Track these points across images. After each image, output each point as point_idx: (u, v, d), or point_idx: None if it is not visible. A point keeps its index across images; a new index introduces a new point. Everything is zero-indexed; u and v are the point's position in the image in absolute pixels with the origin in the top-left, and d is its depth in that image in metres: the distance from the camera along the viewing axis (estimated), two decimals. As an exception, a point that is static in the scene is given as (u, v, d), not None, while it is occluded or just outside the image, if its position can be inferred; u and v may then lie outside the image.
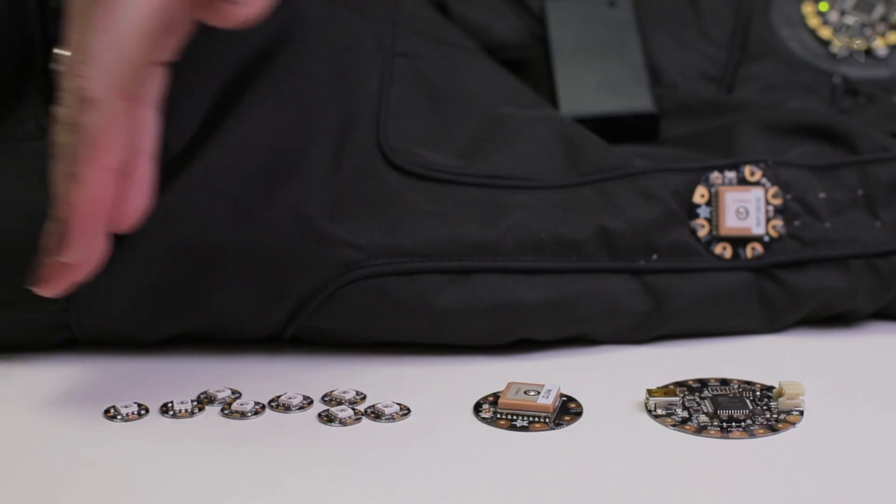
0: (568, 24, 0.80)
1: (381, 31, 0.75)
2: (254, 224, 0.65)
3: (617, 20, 0.80)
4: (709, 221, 0.69)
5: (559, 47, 0.79)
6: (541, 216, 0.68)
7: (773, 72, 0.80)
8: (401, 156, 0.69)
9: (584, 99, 0.77)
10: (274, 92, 0.68)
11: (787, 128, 0.73)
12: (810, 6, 0.82)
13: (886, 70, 0.80)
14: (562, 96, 0.77)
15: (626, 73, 0.77)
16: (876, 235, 0.69)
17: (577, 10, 0.81)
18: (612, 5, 0.80)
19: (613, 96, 0.77)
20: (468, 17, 0.83)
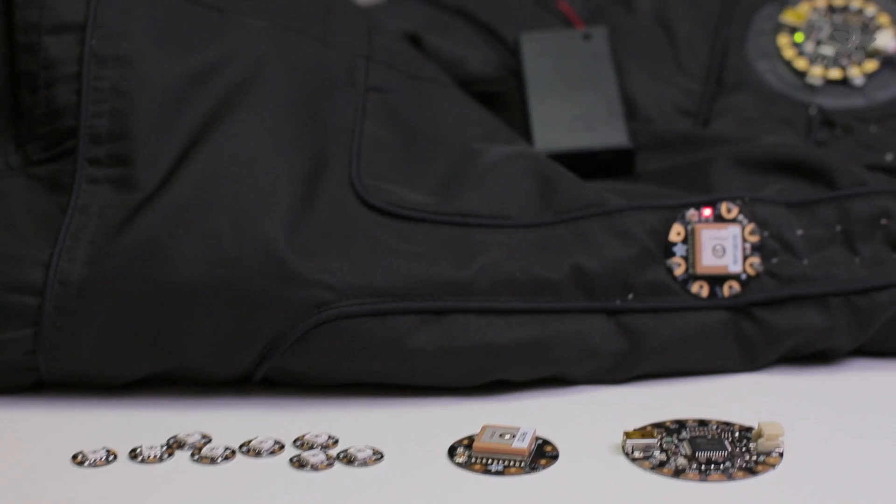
0: (542, 58, 0.79)
1: (354, 65, 0.74)
2: (224, 263, 0.64)
3: (592, 53, 0.79)
4: (685, 260, 0.68)
5: (533, 81, 0.78)
6: (515, 255, 0.67)
7: (748, 104, 0.79)
8: (374, 193, 0.68)
9: (559, 134, 0.76)
10: (245, 128, 0.67)
11: (763, 163, 0.72)
12: (786, 38, 0.81)
13: (863, 99, 0.79)
14: (536, 131, 0.76)
15: (601, 108, 0.77)
16: (855, 272, 0.68)
17: (551, 43, 0.80)
18: (587, 38, 0.80)
19: (588, 131, 0.76)
20: (442, 50, 0.82)
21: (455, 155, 0.72)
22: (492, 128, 0.75)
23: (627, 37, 0.82)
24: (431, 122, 0.74)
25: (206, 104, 0.67)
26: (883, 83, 0.79)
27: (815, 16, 0.82)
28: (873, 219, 0.69)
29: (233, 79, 0.68)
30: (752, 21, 0.83)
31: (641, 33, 0.83)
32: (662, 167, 0.75)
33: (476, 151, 0.72)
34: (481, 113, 0.76)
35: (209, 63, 0.68)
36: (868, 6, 0.82)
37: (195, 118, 0.67)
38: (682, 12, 0.83)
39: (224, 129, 0.67)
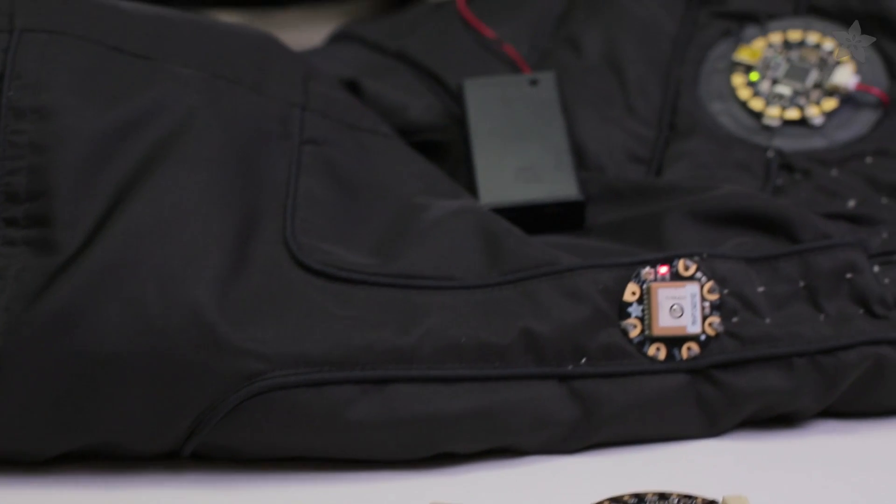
0: (487, 105, 0.75)
1: (289, 115, 0.70)
2: (149, 330, 0.61)
3: (539, 99, 0.75)
4: (641, 321, 0.64)
5: (477, 130, 0.74)
6: (460, 319, 0.63)
7: (703, 149, 0.75)
8: (310, 254, 0.64)
9: (505, 186, 0.72)
10: (173, 185, 0.63)
11: (720, 216, 0.68)
12: (740, 77, 0.78)
13: (822, 140, 0.75)
14: (480, 184, 0.72)
15: (549, 157, 0.73)
16: (820, 330, 0.65)
17: (496, 90, 0.76)
18: (534, 83, 0.76)
19: (536, 183, 0.72)
20: (382, 97, 0.78)
21: (396, 211, 0.68)
22: (435, 180, 0.71)
23: (576, 80, 0.78)
24: (371, 175, 0.70)
25: (131, 160, 0.63)
26: (843, 122, 0.76)
27: (771, 53, 0.78)
28: (838, 273, 0.66)
29: (160, 132, 0.64)
30: (705, 60, 0.79)
31: (590, 76, 0.79)
32: (614, 219, 0.71)
33: (418, 207, 0.68)
34: (423, 165, 0.73)
35: (135, 115, 0.65)
36: (825, 41, 0.78)
37: (120, 175, 0.63)
38: (632, 53, 0.79)
39: (150, 186, 0.63)
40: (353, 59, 0.82)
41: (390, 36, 0.84)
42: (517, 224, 0.69)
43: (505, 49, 0.81)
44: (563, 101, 0.76)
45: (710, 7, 0.82)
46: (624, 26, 0.81)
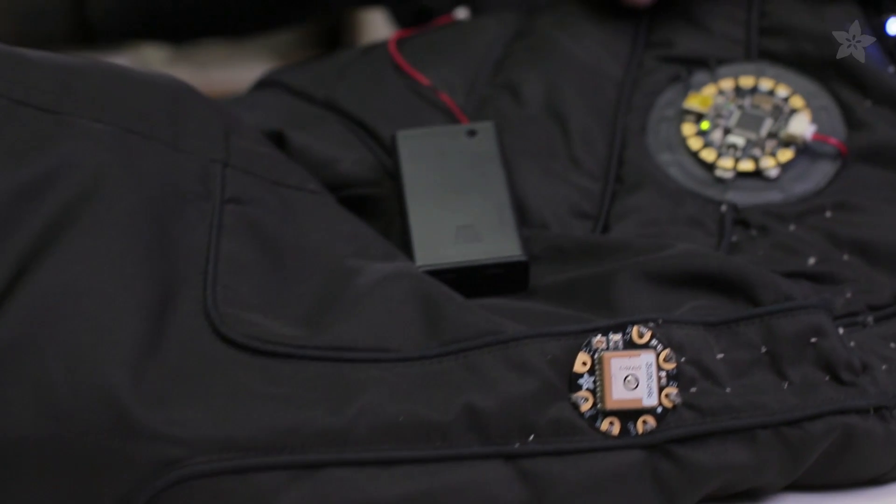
0: (422, 158, 0.70)
1: (209, 172, 0.65)
2: (57, 415, 0.55)
3: (478, 152, 0.71)
4: (593, 393, 0.59)
5: (412, 185, 0.69)
6: (398, 395, 0.58)
7: (653, 204, 0.71)
8: (233, 325, 0.59)
9: (442, 247, 0.67)
10: (82, 253, 0.58)
11: (675, 277, 0.64)
12: (691, 126, 0.73)
13: (779, 193, 0.71)
14: (416, 244, 0.67)
15: (489, 215, 0.68)
16: (784, 400, 0.60)
17: (431, 141, 0.71)
18: (471, 135, 0.71)
19: (476, 242, 0.67)
20: (310, 149, 0.73)
21: (326, 275, 0.63)
22: (367, 241, 0.66)
23: (516, 130, 0.74)
24: (299, 236, 0.65)
25: (35, 225, 0.58)
26: (799, 174, 0.71)
27: (722, 100, 0.74)
28: (802, 338, 0.61)
29: (67, 194, 0.59)
30: (653, 108, 0.75)
31: (531, 126, 0.74)
32: (560, 280, 0.66)
33: (350, 271, 0.63)
34: (355, 224, 0.67)
35: (40, 176, 0.59)
36: (780, 87, 0.74)
37: (23, 243, 0.58)
38: (575, 100, 0.75)
39: (57, 255, 0.58)
40: (279, 108, 0.77)
41: (318, 83, 0.79)
42: (456, 287, 0.64)
43: (440, 97, 0.76)
44: (503, 152, 0.71)
45: (656, 51, 0.77)
46: (566, 72, 0.76)
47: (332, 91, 0.78)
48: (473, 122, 0.73)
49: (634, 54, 0.78)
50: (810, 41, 0.75)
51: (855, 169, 0.71)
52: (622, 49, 0.78)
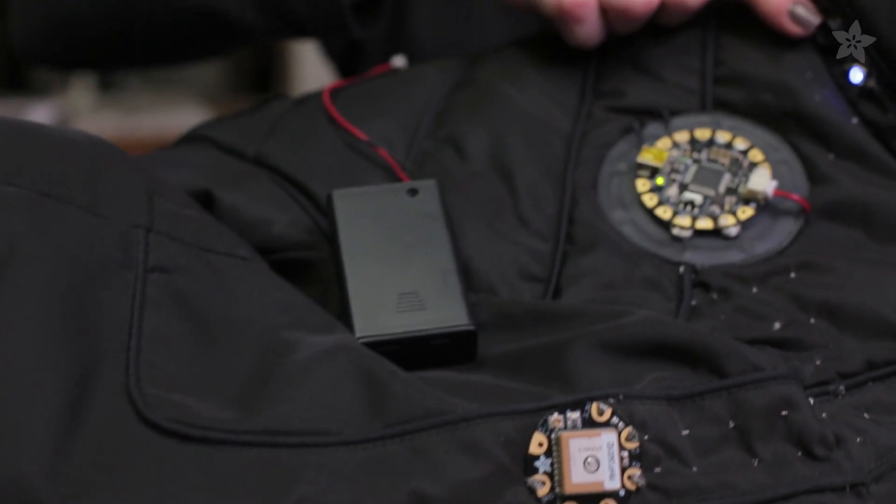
0: (359, 219, 0.66)
1: (131, 238, 0.60)
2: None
3: (420, 212, 0.66)
4: (550, 477, 0.55)
5: (349, 249, 0.65)
6: (339, 483, 0.53)
7: (606, 266, 0.66)
8: (157, 408, 0.54)
9: (384, 316, 0.62)
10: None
11: (634, 347, 0.59)
12: (645, 182, 0.69)
13: (739, 252, 0.67)
14: (355, 314, 0.62)
15: (434, 280, 0.63)
16: (754, 479, 0.56)
17: (370, 201, 0.66)
18: (413, 193, 0.67)
19: (420, 311, 0.62)
20: (240, 210, 0.68)
21: (260, 350, 0.58)
22: (303, 311, 0.62)
23: (460, 188, 0.69)
24: (229, 307, 0.60)
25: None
26: (761, 233, 0.67)
27: (677, 153, 0.70)
28: (772, 411, 0.57)
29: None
30: (604, 162, 0.71)
31: (476, 182, 0.70)
32: (511, 350, 0.62)
33: (286, 345, 0.58)
34: (290, 293, 0.63)
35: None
36: (738, 140, 0.70)
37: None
38: (521, 154, 0.71)
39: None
40: (206, 165, 0.72)
41: (247, 138, 0.75)
42: (399, 359, 0.60)
43: (379, 153, 0.71)
44: (446, 212, 0.66)
45: (606, 101, 0.73)
46: (511, 124, 0.72)
47: (262, 146, 0.73)
48: (415, 180, 0.69)
49: (583, 105, 0.74)
50: (769, 91, 0.71)
51: (819, 226, 0.68)
52: (570, 99, 0.74)
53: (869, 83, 0.70)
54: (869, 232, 0.67)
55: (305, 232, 0.68)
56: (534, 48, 0.77)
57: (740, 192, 0.68)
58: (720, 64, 0.73)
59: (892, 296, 0.65)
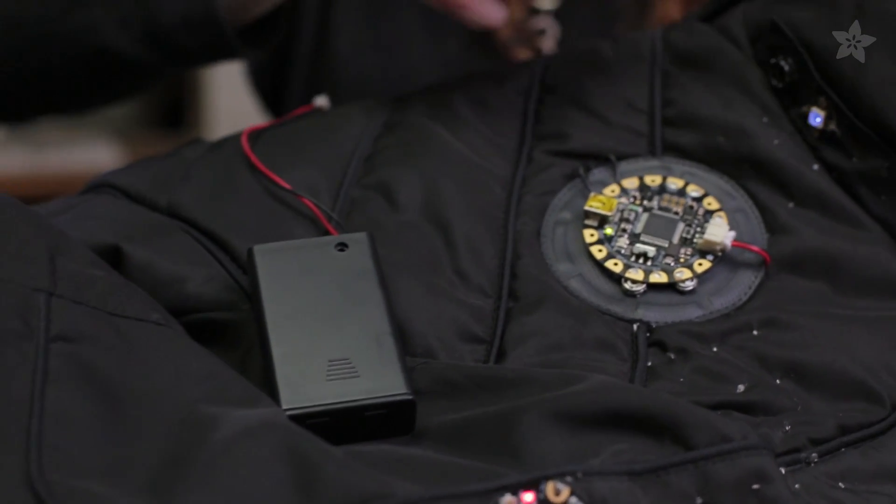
0: (284, 276, 0.60)
1: (30, 304, 0.54)
2: None
3: (350, 268, 0.61)
4: (504, 566, 0.49)
5: (273, 310, 0.59)
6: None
7: (555, 324, 0.61)
8: (63, 498, 0.49)
9: (312, 385, 0.56)
10: None
11: (590, 416, 0.54)
12: (593, 232, 0.64)
13: (696, 308, 0.62)
14: (281, 383, 0.56)
15: (367, 344, 0.58)
16: (726, 562, 0.51)
17: (295, 257, 0.61)
18: (342, 248, 0.61)
19: (352, 379, 0.57)
20: (153, 267, 0.62)
21: (176, 428, 0.52)
22: (223, 382, 0.56)
23: (392, 240, 0.64)
24: (142, 379, 0.54)
25: None
26: (719, 287, 0.63)
27: (627, 201, 0.65)
28: (742, 485, 0.52)
29: None
30: (548, 211, 0.66)
31: (410, 234, 0.64)
32: (453, 421, 0.56)
33: (205, 421, 0.52)
34: (208, 360, 0.57)
35: None
36: (691, 187, 0.65)
37: None
38: (458, 203, 0.65)
39: None
40: (114, 217, 0.66)
41: (159, 186, 0.68)
42: (330, 432, 0.54)
43: (303, 202, 0.66)
44: (379, 268, 0.61)
45: (548, 144, 0.68)
46: (446, 169, 0.67)
47: (176, 196, 0.67)
48: (343, 233, 0.63)
49: (523, 148, 0.68)
50: (722, 133, 0.67)
51: (780, 280, 0.63)
52: (509, 142, 0.69)
53: (829, 126, 0.65)
54: (833, 285, 0.63)
55: (224, 290, 0.63)
56: (467, 86, 0.72)
57: (696, 243, 0.63)
58: (669, 104, 0.69)
59: (861, 354, 0.60)
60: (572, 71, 0.72)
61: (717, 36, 0.71)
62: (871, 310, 0.62)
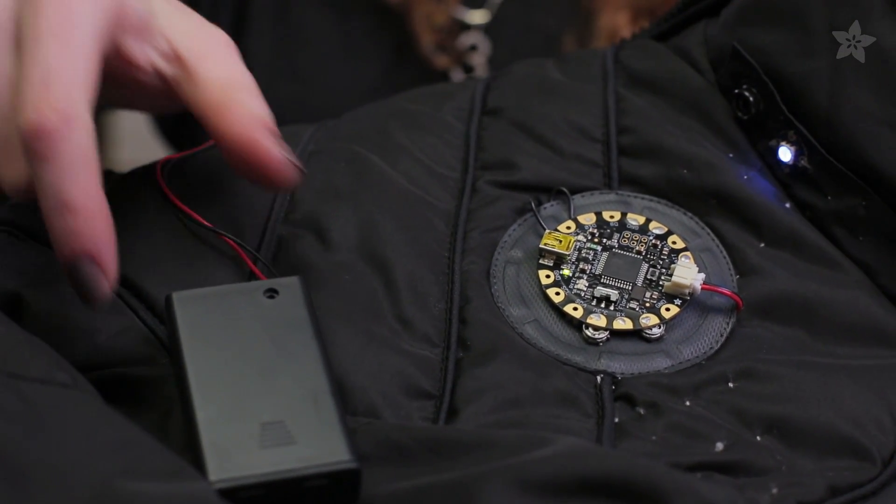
0: (206, 327, 0.53)
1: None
2: None
3: (281, 318, 0.54)
4: None
5: (196, 367, 0.52)
6: None
7: (511, 377, 0.55)
8: None
9: (242, 453, 0.50)
10: None
11: (561, 485, 0.48)
12: (548, 273, 0.58)
13: (665, 358, 0.56)
14: (207, 451, 0.50)
15: (303, 404, 0.51)
16: None
17: (219, 305, 0.54)
18: (271, 294, 0.55)
19: (288, 446, 0.50)
20: (57, 317, 0.55)
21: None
22: (141, 451, 0.48)
23: (326, 284, 0.57)
24: (47, 451, 0.47)
25: None
26: (688, 334, 0.57)
27: (584, 238, 0.59)
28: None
29: None
30: (498, 248, 0.60)
31: (345, 276, 0.58)
32: (403, 491, 0.50)
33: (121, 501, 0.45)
34: (123, 426, 0.49)
35: None
36: (654, 224, 0.60)
37: None
38: (398, 240, 0.59)
39: None
40: (13, 261, 0.59)
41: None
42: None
43: (226, 242, 0.59)
44: (313, 316, 0.54)
45: (493, 174, 0.62)
46: (382, 202, 0.60)
47: (82, 236, 0.60)
48: (272, 278, 0.56)
49: (466, 178, 0.62)
50: (685, 166, 0.61)
51: (753, 326, 0.57)
52: (450, 172, 0.63)
53: (801, 162, 0.60)
54: (811, 331, 0.57)
55: (138, 342, 0.56)
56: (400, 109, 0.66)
57: (662, 285, 0.57)
58: (625, 132, 0.63)
59: (846, 406, 0.55)
60: (516, 92, 0.66)
61: (675, 58, 0.65)
62: (854, 357, 0.57)
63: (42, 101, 0.51)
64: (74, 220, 0.52)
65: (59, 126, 0.51)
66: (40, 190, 0.52)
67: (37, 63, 0.52)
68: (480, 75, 0.90)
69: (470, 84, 0.68)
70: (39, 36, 0.52)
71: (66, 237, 0.52)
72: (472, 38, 0.85)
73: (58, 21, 0.52)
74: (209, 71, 0.57)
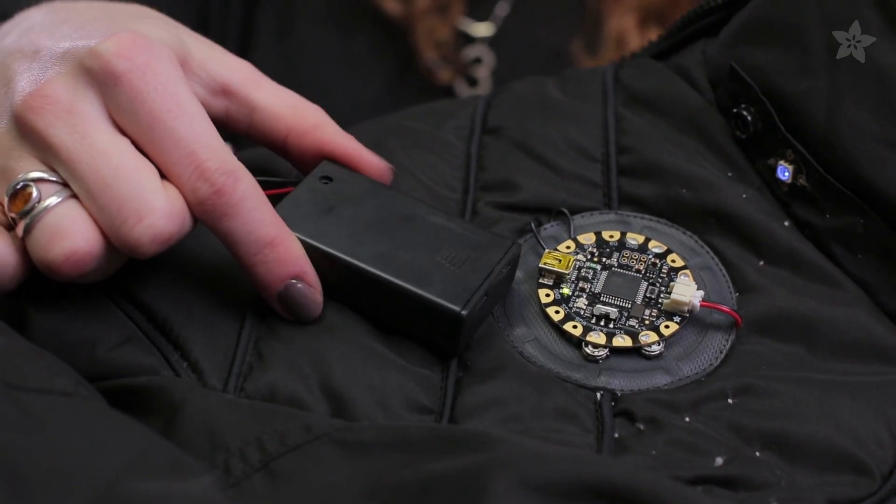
0: (324, 227, 0.57)
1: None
2: None
3: (356, 189, 0.59)
4: None
5: (360, 258, 0.56)
6: None
7: (511, 394, 0.55)
8: None
9: (456, 283, 0.55)
10: None
11: (566, 489, 0.48)
12: (548, 292, 0.59)
13: (664, 374, 0.57)
14: (439, 299, 0.55)
15: (441, 232, 0.57)
16: None
17: (311, 200, 0.58)
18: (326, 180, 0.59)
19: (469, 262, 0.56)
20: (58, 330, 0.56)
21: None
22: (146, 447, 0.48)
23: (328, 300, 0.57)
24: (51, 458, 0.47)
25: None
26: (687, 351, 0.57)
27: (584, 257, 0.60)
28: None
29: None
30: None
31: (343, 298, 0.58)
32: (411, 481, 0.49)
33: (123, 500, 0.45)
34: (126, 425, 0.49)
35: None
36: (653, 243, 0.60)
37: None
38: None
39: None
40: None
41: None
42: None
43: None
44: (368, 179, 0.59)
45: (493, 195, 0.63)
46: None
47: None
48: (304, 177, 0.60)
49: (467, 199, 0.63)
50: (685, 185, 0.61)
51: (752, 343, 0.58)
52: (451, 193, 0.63)
53: (799, 181, 0.60)
54: (810, 348, 0.57)
55: (139, 353, 0.56)
56: (401, 128, 0.66)
57: (662, 303, 0.58)
58: (624, 151, 0.63)
59: (845, 421, 0.55)
60: (517, 111, 0.66)
61: (674, 78, 0.66)
62: (853, 374, 0.57)
63: (205, 171, 0.53)
64: (276, 252, 0.54)
65: (230, 182, 0.53)
66: (233, 244, 0.54)
67: (173, 140, 0.53)
68: (484, 88, 0.91)
69: (471, 102, 0.68)
70: (157, 119, 0.53)
71: (273, 270, 0.54)
72: (477, 51, 0.85)
73: (162, 99, 0.53)
74: (268, 98, 0.58)
